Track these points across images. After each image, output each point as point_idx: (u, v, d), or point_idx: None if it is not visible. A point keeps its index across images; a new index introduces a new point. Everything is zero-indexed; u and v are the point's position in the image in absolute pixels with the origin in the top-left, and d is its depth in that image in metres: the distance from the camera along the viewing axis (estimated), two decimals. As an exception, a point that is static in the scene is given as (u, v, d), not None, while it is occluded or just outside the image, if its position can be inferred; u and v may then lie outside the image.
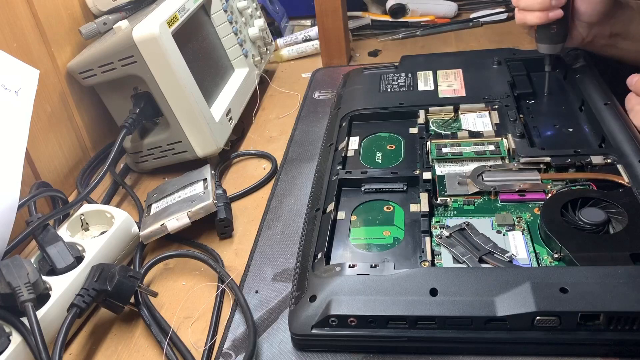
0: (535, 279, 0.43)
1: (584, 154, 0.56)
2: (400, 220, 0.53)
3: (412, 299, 0.43)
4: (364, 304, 0.44)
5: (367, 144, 0.66)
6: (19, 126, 0.56)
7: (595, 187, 0.53)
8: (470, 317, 0.42)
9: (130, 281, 0.51)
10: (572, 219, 0.49)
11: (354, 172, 0.59)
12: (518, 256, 0.48)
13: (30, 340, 0.46)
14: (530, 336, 0.42)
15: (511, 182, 0.55)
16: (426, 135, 0.64)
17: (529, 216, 0.52)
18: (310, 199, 0.61)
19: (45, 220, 0.56)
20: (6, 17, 0.63)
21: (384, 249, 0.51)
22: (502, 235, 0.50)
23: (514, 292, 0.42)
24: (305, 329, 0.45)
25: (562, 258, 0.47)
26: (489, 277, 0.44)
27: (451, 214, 0.54)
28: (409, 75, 0.76)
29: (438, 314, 0.43)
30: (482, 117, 0.67)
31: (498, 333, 0.42)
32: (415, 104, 0.70)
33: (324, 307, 0.45)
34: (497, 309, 0.42)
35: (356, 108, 0.71)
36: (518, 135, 0.60)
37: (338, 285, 0.46)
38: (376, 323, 0.44)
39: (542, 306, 0.41)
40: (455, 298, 0.43)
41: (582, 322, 0.41)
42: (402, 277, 0.45)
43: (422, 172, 0.57)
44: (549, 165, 0.57)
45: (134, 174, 0.77)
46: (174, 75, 0.65)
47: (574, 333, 0.42)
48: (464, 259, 0.48)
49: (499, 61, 0.75)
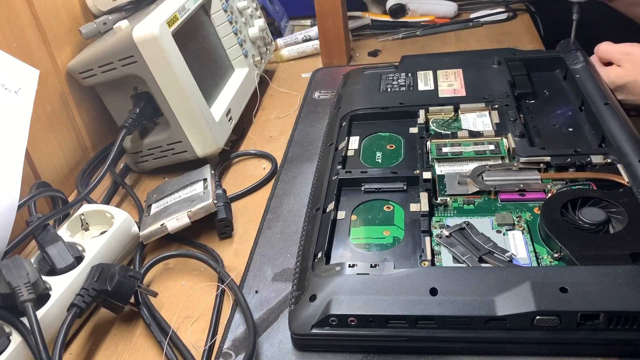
0: (535, 279, 0.43)
1: (584, 153, 0.56)
2: (400, 219, 0.53)
3: (412, 299, 0.43)
4: (363, 303, 0.44)
5: (367, 143, 0.66)
6: (19, 126, 0.56)
7: (595, 186, 0.53)
8: (470, 317, 0.42)
9: (130, 281, 0.51)
10: (572, 219, 0.49)
11: (354, 172, 0.59)
12: (518, 256, 0.48)
13: (30, 340, 0.46)
14: (530, 336, 0.42)
15: (511, 182, 0.55)
16: (426, 135, 0.64)
17: (529, 216, 0.52)
18: (311, 199, 0.61)
19: (45, 220, 0.56)
20: (6, 17, 0.63)
21: (384, 249, 0.51)
22: (502, 234, 0.50)
23: (513, 291, 0.42)
24: (305, 329, 0.45)
25: (562, 258, 0.47)
26: (488, 276, 0.44)
27: (451, 213, 0.54)
28: (409, 75, 0.76)
29: (438, 313, 0.43)
30: (482, 117, 0.67)
31: (498, 333, 0.42)
32: (415, 104, 0.70)
33: (324, 307, 0.45)
34: (497, 309, 0.42)
35: (356, 108, 0.71)
36: (518, 135, 0.60)
37: (338, 285, 0.46)
38: (376, 323, 0.44)
39: (542, 306, 0.41)
40: (455, 298, 0.43)
41: (582, 322, 0.41)
42: (402, 276, 0.45)
43: (422, 172, 0.57)
44: (549, 165, 0.57)
45: (134, 174, 0.77)
46: (174, 75, 0.65)
47: (574, 333, 0.42)
48: (464, 258, 0.48)
49: (499, 61, 0.75)
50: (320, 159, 0.67)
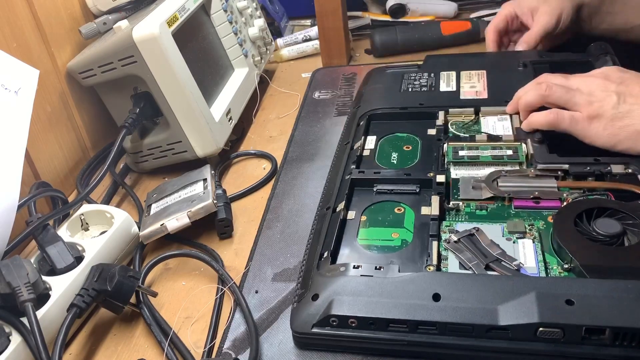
0: (541, 289, 0.42)
1: (604, 162, 0.54)
2: (410, 222, 0.52)
3: (414, 303, 0.43)
4: (365, 305, 0.44)
5: (384, 143, 0.65)
6: (19, 126, 0.56)
7: (613, 197, 0.51)
8: (471, 325, 0.41)
9: (130, 281, 0.51)
10: (585, 229, 0.47)
11: (366, 172, 0.58)
12: (526, 265, 0.46)
13: (30, 340, 0.46)
14: (532, 347, 0.41)
15: (526, 189, 0.53)
16: (443, 137, 0.62)
17: (542, 224, 0.50)
18: (322, 197, 0.60)
19: (45, 220, 0.56)
20: (6, 17, 0.63)
21: (391, 251, 0.50)
22: (512, 242, 0.49)
23: (518, 301, 0.41)
24: (306, 327, 0.45)
25: (572, 269, 0.45)
26: (493, 284, 0.43)
27: (462, 218, 0.53)
28: (431, 75, 0.74)
29: (439, 319, 0.42)
30: (502, 121, 0.64)
31: (499, 342, 0.42)
32: (435, 105, 0.67)
33: (326, 307, 0.44)
34: (499, 318, 0.41)
35: (375, 107, 0.69)
36: (537, 141, 0.58)
37: (341, 286, 0.45)
38: (376, 325, 0.43)
39: (545, 317, 0.40)
40: (458, 304, 0.42)
41: (586, 336, 0.40)
42: (405, 280, 0.44)
43: (435, 175, 0.56)
44: (566, 173, 0.54)
45: (134, 174, 0.77)
46: (174, 75, 0.65)
47: (577, 347, 0.40)
48: (470, 265, 0.47)
49: (524, 63, 0.72)
50: (335, 158, 0.66)
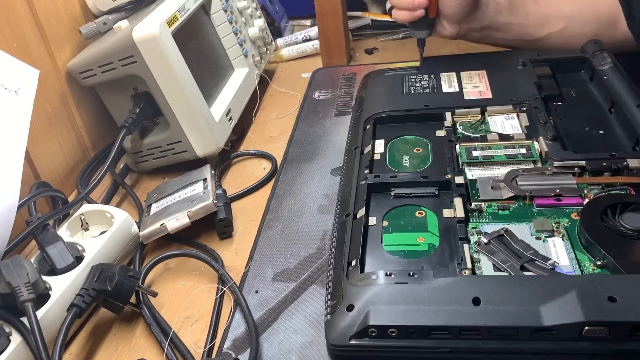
0: (582, 288, 0.41)
1: (620, 157, 0.53)
2: (433, 226, 0.51)
3: (455, 309, 0.42)
4: (404, 313, 0.42)
5: (393, 147, 0.64)
6: (19, 126, 0.56)
7: (633, 191, 0.51)
8: (515, 327, 0.40)
9: (130, 281, 0.51)
10: (613, 225, 0.47)
11: (382, 177, 0.57)
12: (560, 263, 0.45)
13: (30, 340, 0.46)
14: (579, 347, 0.40)
15: (547, 187, 0.53)
16: (454, 138, 0.62)
17: (567, 222, 0.50)
18: (338, 204, 0.59)
19: (45, 220, 0.56)
20: (6, 17, 0.63)
21: (420, 256, 0.49)
22: (541, 241, 0.48)
23: (560, 301, 0.41)
24: (343, 340, 0.43)
25: (605, 265, 0.45)
26: (533, 285, 0.42)
27: (486, 219, 0.52)
28: (431, 77, 0.74)
29: (482, 324, 0.41)
30: (510, 120, 0.64)
31: (545, 344, 0.41)
32: (440, 106, 0.67)
33: (363, 317, 0.43)
34: (543, 319, 0.40)
35: (380, 110, 0.68)
36: (550, 138, 0.57)
37: (376, 295, 0.44)
38: (418, 334, 0.42)
39: (590, 316, 0.39)
40: (499, 307, 0.41)
41: (633, 333, 0.39)
42: (442, 286, 0.43)
43: (454, 176, 0.55)
44: (583, 169, 0.54)
45: (134, 174, 0.77)
46: (174, 75, 0.65)
47: (624, 344, 0.40)
48: (505, 266, 0.45)
49: (523, 62, 0.72)
50: (345, 163, 0.65)
